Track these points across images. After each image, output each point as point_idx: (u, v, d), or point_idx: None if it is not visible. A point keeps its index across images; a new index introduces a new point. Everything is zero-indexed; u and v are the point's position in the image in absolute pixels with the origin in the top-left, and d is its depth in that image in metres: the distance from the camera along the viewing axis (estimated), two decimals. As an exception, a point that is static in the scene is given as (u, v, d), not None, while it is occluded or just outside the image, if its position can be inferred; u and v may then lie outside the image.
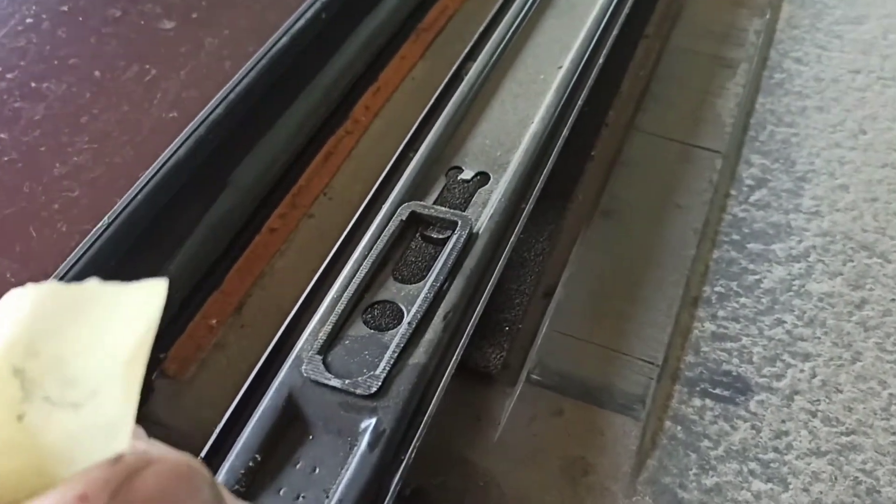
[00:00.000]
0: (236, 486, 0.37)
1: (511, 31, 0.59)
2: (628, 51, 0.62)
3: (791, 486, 0.41)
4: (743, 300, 0.49)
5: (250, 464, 0.38)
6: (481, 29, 0.59)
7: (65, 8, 0.54)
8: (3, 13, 0.52)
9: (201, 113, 0.49)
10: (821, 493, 0.41)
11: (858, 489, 0.41)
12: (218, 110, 0.50)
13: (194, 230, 0.48)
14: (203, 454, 0.39)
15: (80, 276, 0.43)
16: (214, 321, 0.47)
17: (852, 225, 0.53)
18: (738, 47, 0.63)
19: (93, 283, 0.20)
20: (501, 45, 0.57)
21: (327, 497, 0.37)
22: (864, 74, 0.62)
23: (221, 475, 0.38)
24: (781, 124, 0.58)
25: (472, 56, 0.57)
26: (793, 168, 0.56)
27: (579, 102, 0.54)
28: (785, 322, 0.48)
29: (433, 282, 0.44)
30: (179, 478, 0.19)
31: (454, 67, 0.56)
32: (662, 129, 0.57)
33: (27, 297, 0.19)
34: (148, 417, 0.43)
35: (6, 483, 0.19)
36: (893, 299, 0.49)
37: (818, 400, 0.45)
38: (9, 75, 0.48)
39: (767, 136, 0.58)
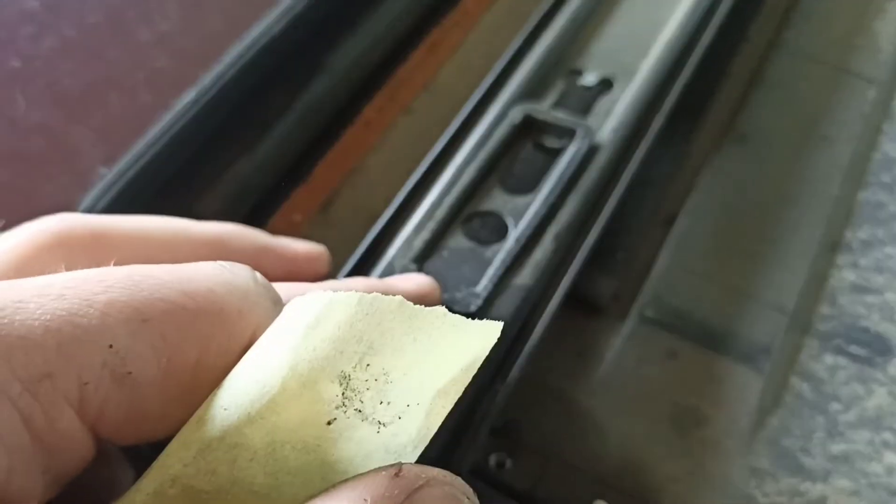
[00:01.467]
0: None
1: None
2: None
3: (932, 465, 0.36)
4: (889, 250, 0.43)
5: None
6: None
7: None
8: None
9: (302, -15, 0.44)
10: (966, 476, 0.36)
11: None
12: (314, -9, 0.45)
13: (283, 115, 0.44)
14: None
15: (160, 157, 0.39)
16: (299, 216, 0.43)
17: None
18: (903, -37, 0.55)
19: (440, 310, 0.20)
20: (636, -62, 0.51)
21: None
22: None
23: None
24: (947, 55, 0.51)
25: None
26: (958, 104, 0.49)
27: (722, 9, 0.47)
28: (937, 279, 0.42)
29: (546, 195, 0.39)
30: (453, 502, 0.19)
31: (581, -40, 0.50)
32: (811, 49, 0.50)
33: (356, 301, 0.19)
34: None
35: (293, 480, 0.19)
36: None
37: (971, 371, 0.39)
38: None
39: (930, 68, 0.51)
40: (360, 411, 0.19)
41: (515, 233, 0.38)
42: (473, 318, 0.35)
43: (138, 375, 0.18)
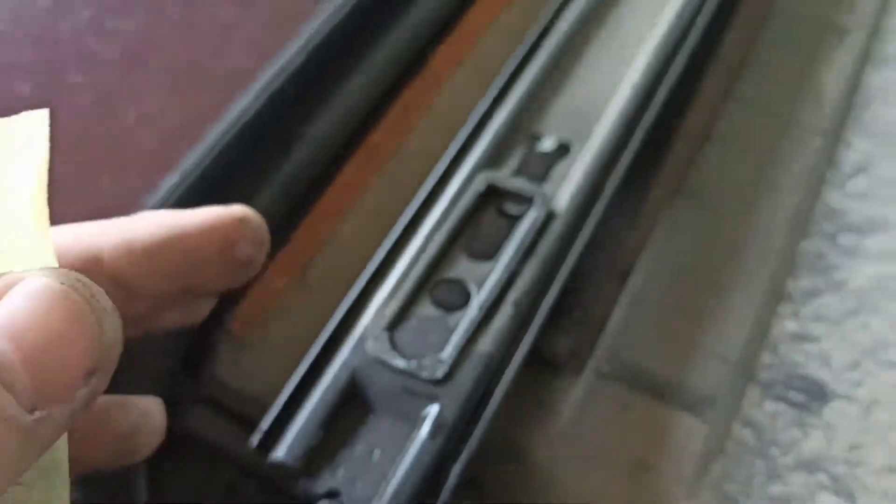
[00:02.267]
0: (297, 463, 0.37)
1: (607, -19, 0.55)
2: (731, 11, 0.58)
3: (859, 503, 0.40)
4: (828, 299, 0.47)
5: (311, 441, 0.38)
6: (575, -22, 0.55)
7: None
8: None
9: (278, 60, 0.47)
10: (892, 515, 0.40)
11: (933, 515, 0.40)
12: (295, 58, 0.48)
13: (264, 185, 0.47)
14: (266, 428, 0.39)
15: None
16: (280, 282, 0.46)
17: (957, 225, 0.49)
18: (850, 12, 0.58)
19: None
20: (595, -3, 0.54)
21: (385, 481, 0.37)
22: None
23: (282, 450, 0.38)
24: (889, 104, 0.54)
25: (563, 6, 0.54)
26: (897, 154, 0.52)
27: (675, 69, 0.51)
28: (871, 326, 0.45)
29: (506, 263, 0.42)
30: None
31: (543, 19, 0.53)
32: (760, 102, 0.54)
33: None
34: (211, 377, 0.43)
35: None
36: None
37: (899, 415, 0.43)
38: (85, 13, 0.47)
39: (872, 117, 0.54)
40: None
41: (478, 300, 0.41)
42: (440, 385, 0.39)
43: None
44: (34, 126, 0.21)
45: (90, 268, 0.31)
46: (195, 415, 0.42)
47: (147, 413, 0.34)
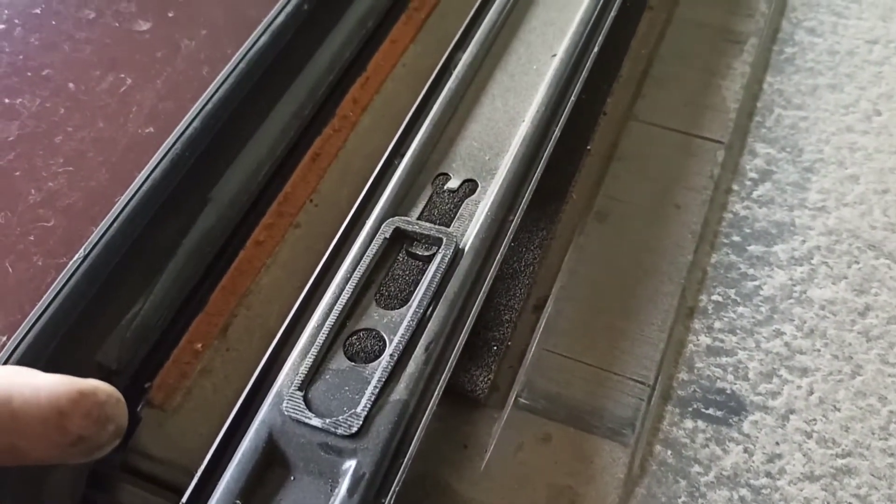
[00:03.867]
0: (218, 533, 0.38)
1: (503, 14, 0.56)
2: (630, 27, 0.59)
3: (782, 515, 0.41)
4: (741, 309, 0.47)
5: (232, 510, 0.38)
6: (471, 13, 0.56)
7: (37, 10, 0.52)
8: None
9: (178, 128, 0.47)
10: (812, 521, 0.40)
11: (851, 517, 0.40)
12: (195, 124, 0.48)
13: (175, 252, 0.47)
14: (185, 499, 0.39)
15: (57, 315, 0.42)
16: (200, 345, 0.47)
17: (860, 221, 0.50)
18: (747, 18, 0.59)
19: None
20: (492, 32, 0.55)
21: (308, 542, 0.37)
22: (882, 45, 0.58)
23: (203, 522, 0.38)
24: (790, 107, 0.55)
25: (461, 45, 0.55)
26: (800, 157, 0.53)
27: (573, 96, 0.51)
28: (784, 333, 0.46)
29: (416, 308, 0.43)
30: None
31: (443, 59, 0.54)
32: (662, 117, 0.54)
33: None
34: (135, 449, 0.43)
35: None
36: (899, 306, 0.47)
37: (814, 419, 0.43)
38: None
39: (774, 122, 0.55)
40: None
41: (390, 348, 0.42)
42: (356, 439, 0.39)
43: None
44: None
45: None
46: (121, 487, 0.43)
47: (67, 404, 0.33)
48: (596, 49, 0.52)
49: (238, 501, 0.38)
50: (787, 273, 0.49)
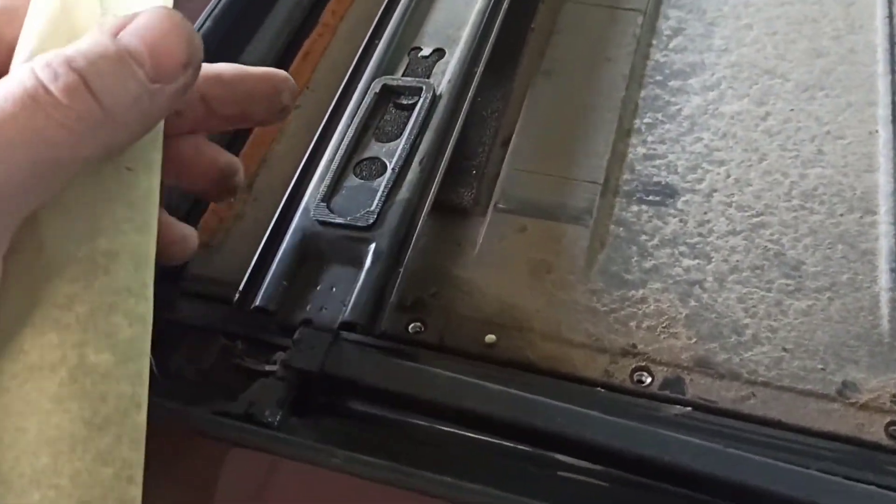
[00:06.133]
0: (272, 305, 0.47)
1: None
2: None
3: (713, 259, 0.51)
4: (667, 126, 0.59)
5: (280, 289, 0.48)
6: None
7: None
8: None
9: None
10: (738, 261, 0.51)
11: (767, 254, 0.51)
12: (206, 25, 0.59)
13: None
14: (241, 286, 0.48)
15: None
16: (231, 198, 0.56)
17: (756, 56, 0.62)
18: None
19: None
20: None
21: (344, 305, 0.47)
22: (763, -70, 0.71)
23: (258, 298, 0.47)
24: (693, -20, 0.67)
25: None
26: (704, 16, 0.65)
27: (517, -19, 0.63)
28: (703, 139, 0.58)
29: (408, 137, 0.53)
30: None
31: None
32: (591, -2, 0.66)
33: None
34: (189, 278, 0.53)
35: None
36: (792, 109, 0.59)
37: (732, 194, 0.55)
38: None
39: (681, -8, 0.67)
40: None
41: (391, 166, 0.52)
42: (373, 229, 0.49)
43: None
44: None
45: None
46: (182, 307, 0.52)
47: (234, 162, 0.45)
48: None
49: (285, 282, 0.48)
50: (702, 97, 0.60)
